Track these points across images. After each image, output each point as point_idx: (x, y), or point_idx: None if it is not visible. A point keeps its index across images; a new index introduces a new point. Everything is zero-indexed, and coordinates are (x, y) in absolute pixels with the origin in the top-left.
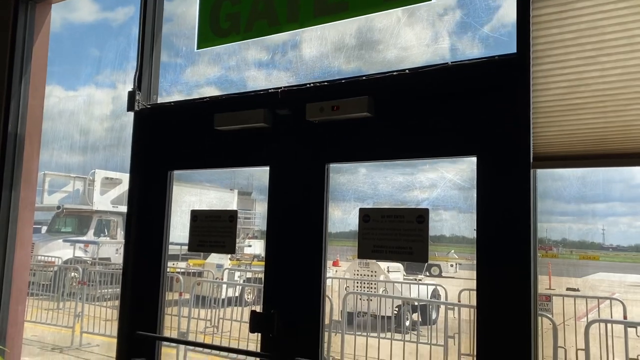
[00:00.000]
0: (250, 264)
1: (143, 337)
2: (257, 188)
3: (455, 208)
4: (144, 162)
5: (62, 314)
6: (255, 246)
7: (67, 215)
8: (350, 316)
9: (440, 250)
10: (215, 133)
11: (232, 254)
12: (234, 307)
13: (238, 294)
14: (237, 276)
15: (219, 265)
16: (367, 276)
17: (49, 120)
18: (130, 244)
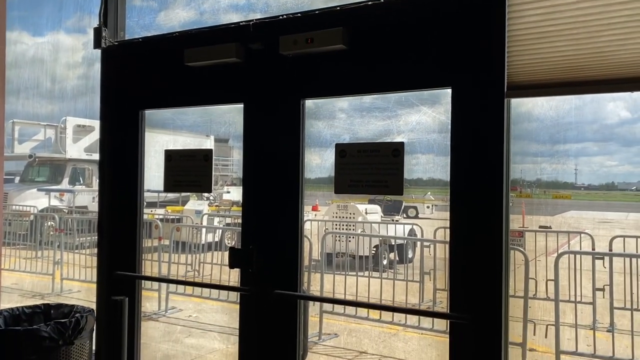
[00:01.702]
0: (229, 209)
1: (122, 277)
2: (234, 135)
3: (431, 152)
4: (114, 102)
5: (41, 262)
6: (234, 193)
7: (40, 164)
8: (329, 257)
9: (417, 193)
10: (187, 70)
11: (210, 199)
12: (215, 252)
13: (218, 239)
14: (217, 222)
15: (198, 212)
16: (345, 218)
17: (16, 67)
18: (105, 184)
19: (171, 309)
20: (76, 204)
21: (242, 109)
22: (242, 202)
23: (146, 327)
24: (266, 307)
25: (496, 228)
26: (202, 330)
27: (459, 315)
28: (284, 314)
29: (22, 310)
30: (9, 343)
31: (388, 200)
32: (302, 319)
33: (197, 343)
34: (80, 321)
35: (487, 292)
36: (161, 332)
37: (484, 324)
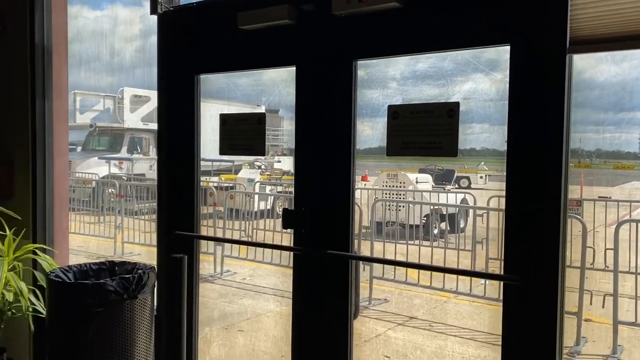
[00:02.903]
0: (280, 178)
1: (181, 236)
2: (285, 106)
3: (486, 121)
4: (170, 68)
5: (104, 226)
6: (285, 162)
7: (100, 133)
8: (379, 226)
9: (469, 163)
10: (240, 33)
11: (261, 168)
12: (266, 219)
13: (270, 207)
14: (268, 190)
15: (250, 180)
16: (395, 187)
17: (77, 41)
18: (164, 148)
19: (226, 272)
20: (134, 172)
21: (293, 75)
22: (294, 164)
23: (203, 288)
24: (318, 267)
25: (554, 192)
26: (256, 292)
27: (513, 277)
28: (335, 274)
29: (90, 267)
30: (79, 295)
31: (439, 169)
32: (353, 280)
33: (251, 304)
34: (142, 277)
35: (543, 256)
36: (217, 293)
37: (538, 288)
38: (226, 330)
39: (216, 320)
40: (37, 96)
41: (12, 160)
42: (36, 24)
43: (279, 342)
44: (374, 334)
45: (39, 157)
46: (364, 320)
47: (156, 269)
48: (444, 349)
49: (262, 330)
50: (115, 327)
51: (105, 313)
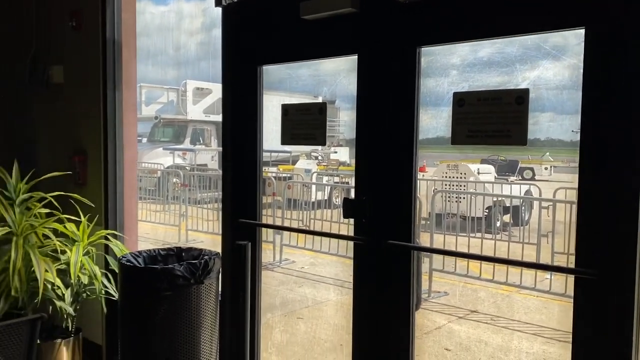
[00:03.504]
0: (337, 168)
1: (244, 224)
2: (341, 96)
3: (552, 110)
4: (234, 60)
5: (168, 215)
6: (341, 153)
7: (164, 125)
8: (438, 217)
9: (534, 153)
10: (302, 23)
11: (318, 159)
12: (323, 209)
13: (327, 197)
14: (325, 180)
15: (307, 170)
16: (456, 178)
17: (144, 36)
18: (228, 138)
19: (285, 260)
20: (197, 162)
21: (350, 65)
22: (355, 154)
23: (263, 275)
24: (379, 257)
25: (633, 184)
26: (314, 281)
27: (588, 270)
28: (397, 264)
29: (158, 252)
30: (149, 278)
31: (502, 160)
32: (415, 270)
33: (310, 292)
34: (208, 263)
35: (620, 249)
36: (276, 280)
37: (614, 282)
38: (286, 317)
39: (276, 307)
40: (108, 89)
41: (85, 150)
42: (108, 20)
43: (338, 330)
44: (434, 326)
45: (110, 147)
46: (424, 312)
47: (221, 255)
48: (508, 343)
49: (321, 318)
50: (183, 310)
51: (173, 297)
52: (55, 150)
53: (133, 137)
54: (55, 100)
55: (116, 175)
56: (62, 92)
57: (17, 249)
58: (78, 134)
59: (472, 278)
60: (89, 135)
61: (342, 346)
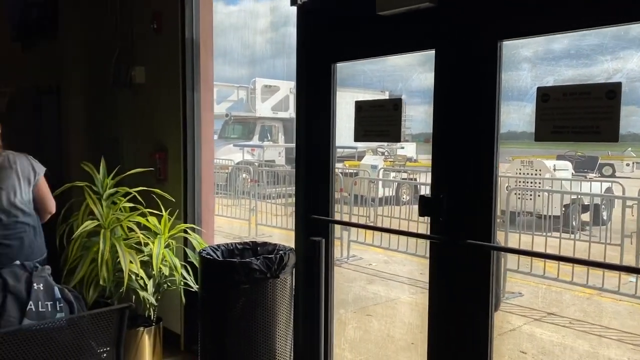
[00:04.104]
0: (404, 164)
1: (317, 220)
2: (407, 91)
3: (634, 103)
4: (308, 58)
5: (238, 209)
6: (408, 148)
7: (234, 122)
8: (512, 215)
9: (614, 149)
10: (378, 19)
11: (384, 154)
12: (390, 206)
13: (393, 194)
14: (392, 177)
15: (374, 166)
16: (531, 175)
17: (215, 35)
18: (301, 135)
19: (352, 256)
20: (265, 158)
21: (417, 59)
22: (432, 150)
23: None
24: (457, 257)
25: None
26: (383, 279)
27: None
28: (475, 264)
29: (235, 246)
30: (228, 271)
31: (580, 156)
32: (494, 271)
33: (378, 290)
34: (283, 257)
35: None
36: (344, 277)
37: None
38: (355, 314)
39: (345, 303)
40: (187, 89)
41: (166, 147)
42: (186, 21)
43: (410, 329)
44: (507, 328)
45: (189, 144)
46: (497, 313)
47: (294, 250)
48: (589, 349)
49: (391, 316)
50: (260, 303)
51: (251, 290)
52: (138, 147)
53: (210, 135)
54: (137, 100)
55: (194, 171)
56: (144, 92)
57: (105, 241)
58: (159, 132)
59: (549, 279)
60: (170, 133)
61: (413, 345)
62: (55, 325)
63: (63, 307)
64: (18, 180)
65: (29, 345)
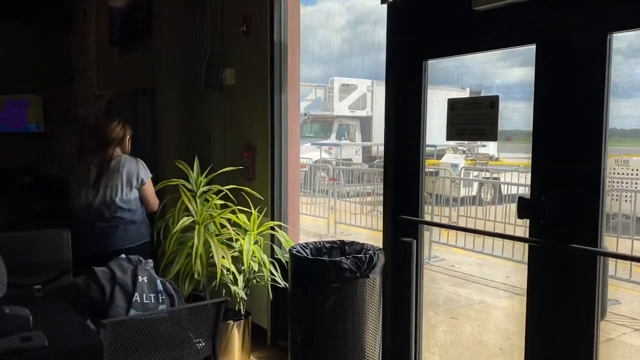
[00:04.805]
0: (486, 163)
1: (406, 220)
2: (487, 87)
3: None
4: (399, 55)
5: (317, 207)
6: (489, 147)
7: (312, 121)
8: (607, 218)
9: None
10: (473, 15)
11: (465, 153)
12: (471, 206)
13: (475, 194)
14: (473, 176)
15: (454, 165)
16: (627, 175)
17: None
18: (390, 134)
19: (434, 257)
20: (342, 157)
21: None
22: (532, 150)
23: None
24: (559, 262)
25: None
26: (466, 281)
27: None
28: (580, 270)
29: (323, 244)
30: (318, 269)
31: None
32: (601, 277)
33: (462, 292)
34: (373, 257)
35: None
36: (426, 278)
37: None
38: (439, 316)
39: (428, 305)
40: (275, 89)
41: (255, 146)
42: (275, 23)
43: (496, 334)
44: (604, 337)
45: (277, 144)
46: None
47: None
48: None
49: (477, 319)
50: (349, 302)
51: (340, 289)
52: (228, 146)
53: (297, 134)
54: (227, 101)
55: (281, 170)
56: (233, 93)
57: (200, 237)
58: (248, 132)
59: None
60: (258, 133)
61: (500, 350)
62: (157, 317)
63: (165, 299)
64: (121, 183)
65: (134, 334)
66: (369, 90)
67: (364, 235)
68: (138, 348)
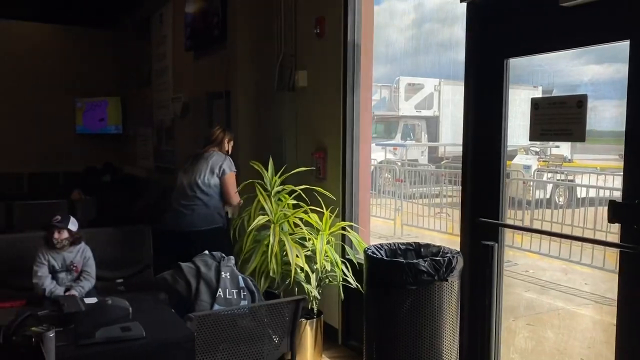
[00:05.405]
0: (560, 165)
1: (485, 224)
2: (558, 85)
3: None
4: (478, 54)
5: (382, 208)
6: (563, 147)
7: (377, 121)
8: None
9: None
10: (559, 11)
11: (538, 154)
12: (545, 209)
13: (548, 196)
14: (546, 178)
15: (527, 166)
16: None
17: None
18: (468, 135)
19: (506, 262)
20: (408, 158)
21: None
22: (625, 151)
23: None
24: None
25: None
26: (542, 287)
27: None
28: None
29: (398, 246)
30: (395, 271)
31: None
32: None
33: (537, 298)
34: (452, 261)
35: None
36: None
37: None
38: (514, 322)
39: (504, 310)
40: (347, 90)
41: (326, 147)
42: (349, 25)
43: (578, 342)
44: None
45: (348, 145)
46: None
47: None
48: None
49: (554, 327)
50: (426, 305)
51: (417, 291)
52: (299, 147)
53: (368, 135)
54: (299, 102)
55: (353, 171)
56: (306, 95)
57: (274, 235)
58: (319, 133)
59: None
60: (329, 134)
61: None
62: (239, 312)
63: (246, 295)
64: (205, 168)
65: (217, 328)
66: (436, 90)
67: (432, 238)
68: (221, 341)
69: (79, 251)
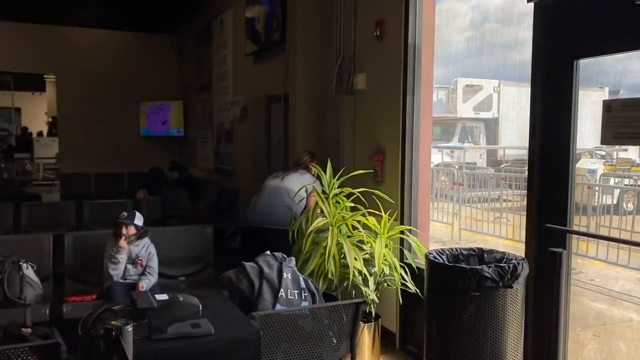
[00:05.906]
0: (628, 169)
1: (552, 230)
2: (626, 85)
3: None
4: (545, 55)
5: (438, 212)
6: (631, 150)
7: (433, 123)
8: None
9: None
10: (636, 9)
11: (604, 157)
12: (612, 216)
13: (615, 202)
14: (613, 182)
15: (591, 171)
16: None
17: None
18: (535, 138)
19: (571, 270)
20: (465, 161)
21: None
22: None
23: None
24: None
25: None
26: (609, 297)
27: None
28: None
29: (460, 251)
30: (457, 277)
31: None
32: None
33: (604, 309)
34: (517, 267)
35: None
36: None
37: None
38: (581, 333)
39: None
40: (407, 93)
41: (384, 150)
42: (410, 27)
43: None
44: None
45: (407, 147)
46: None
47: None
48: None
49: (624, 338)
50: (490, 313)
51: (480, 298)
52: (357, 150)
53: (428, 138)
54: (358, 105)
55: (412, 174)
56: (364, 98)
57: (333, 237)
58: (378, 135)
59: None
60: (388, 137)
61: None
62: (301, 312)
63: (307, 296)
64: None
65: (279, 327)
66: (495, 91)
67: (492, 244)
68: (282, 341)
69: (145, 246)
